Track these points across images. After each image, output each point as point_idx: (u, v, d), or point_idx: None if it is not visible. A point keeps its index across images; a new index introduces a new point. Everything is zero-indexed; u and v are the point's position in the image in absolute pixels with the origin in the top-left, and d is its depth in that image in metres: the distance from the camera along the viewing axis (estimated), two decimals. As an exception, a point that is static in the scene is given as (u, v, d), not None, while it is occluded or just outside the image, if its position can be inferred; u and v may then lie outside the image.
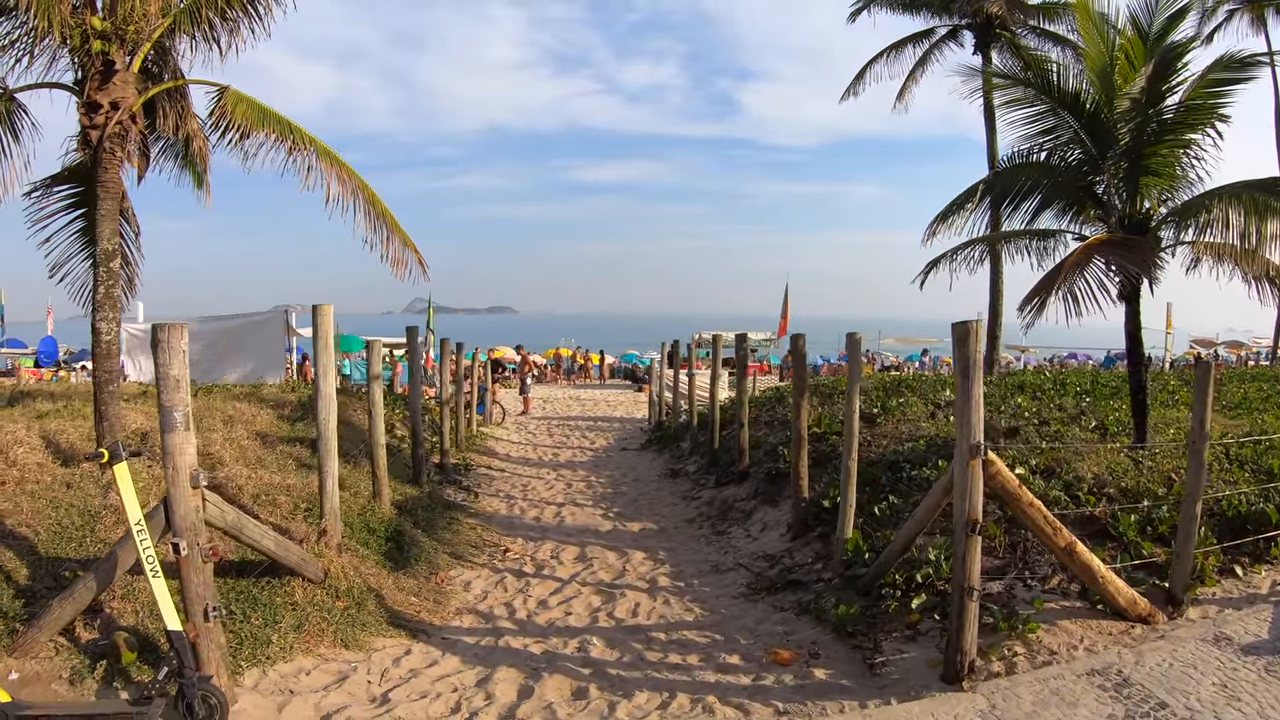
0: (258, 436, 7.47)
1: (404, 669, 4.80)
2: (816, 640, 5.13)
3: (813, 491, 7.48)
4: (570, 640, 5.42)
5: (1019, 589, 5.02)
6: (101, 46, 5.08)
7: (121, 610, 4.44)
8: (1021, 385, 10.26)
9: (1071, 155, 6.49)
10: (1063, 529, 4.43)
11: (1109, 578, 4.50)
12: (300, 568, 5.04)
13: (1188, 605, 4.69)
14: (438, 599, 6.14)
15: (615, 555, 7.65)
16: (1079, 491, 5.68)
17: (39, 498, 5.04)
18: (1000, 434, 7.18)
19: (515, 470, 12.40)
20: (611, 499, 10.41)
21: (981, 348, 4.20)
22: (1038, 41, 14.69)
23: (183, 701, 3.63)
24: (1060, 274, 5.46)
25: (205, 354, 12.87)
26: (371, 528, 6.77)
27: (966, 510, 4.16)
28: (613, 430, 17.77)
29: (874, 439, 8.39)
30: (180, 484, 3.90)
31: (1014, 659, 4.32)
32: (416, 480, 8.94)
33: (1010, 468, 6.23)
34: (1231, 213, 5.54)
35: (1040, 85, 6.51)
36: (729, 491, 9.52)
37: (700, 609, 6.06)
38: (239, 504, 6.03)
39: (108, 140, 5.21)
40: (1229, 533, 5.22)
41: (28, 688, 3.80)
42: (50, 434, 5.77)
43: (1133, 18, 5.93)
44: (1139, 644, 4.36)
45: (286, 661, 4.57)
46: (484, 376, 17.66)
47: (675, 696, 4.47)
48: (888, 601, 5.17)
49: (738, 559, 7.33)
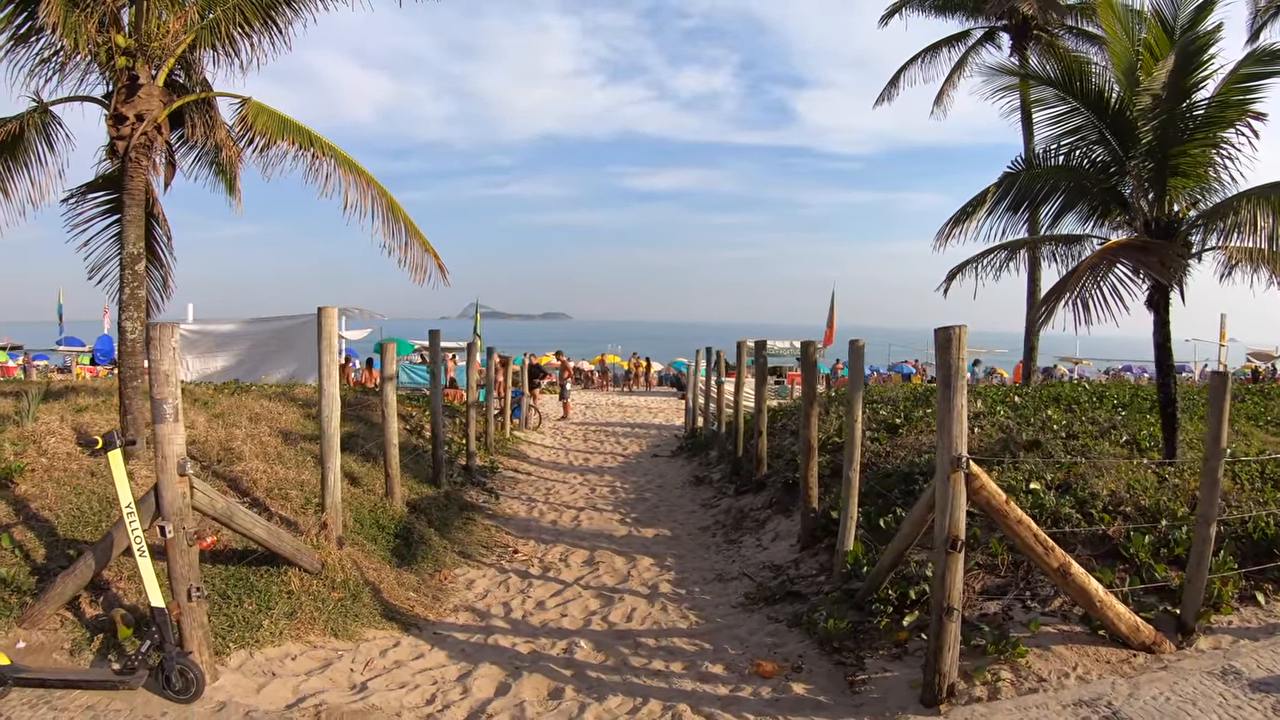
0: (280, 434, 7.76)
1: (389, 660, 4.91)
2: (803, 654, 5.01)
3: (824, 502, 7.33)
4: (559, 642, 5.44)
5: (1017, 610, 4.79)
6: (126, 62, 5.43)
7: (125, 590, 4.68)
8: (1056, 397, 9.81)
9: (1096, 156, 6.18)
10: (1055, 548, 4.21)
11: (1108, 602, 4.25)
12: (295, 557, 5.21)
13: (1199, 634, 4.39)
14: (437, 595, 6.25)
15: (623, 560, 7.64)
16: (1093, 509, 5.39)
17: (64, 484, 5.37)
18: (1020, 447, 6.89)
19: (542, 474, 12.51)
20: (632, 505, 10.39)
21: (964, 355, 4.04)
22: (1075, 42, 14.08)
23: (162, 673, 3.83)
24: (1073, 279, 5.21)
25: (250, 354, 13.49)
26: (381, 524, 6.95)
27: (948, 526, 4.00)
28: (648, 437, 17.74)
29: (894, 450, 8.17)
30: (169, 471, 4.09)
31: (998, 684, 4.11)
32: (435, 480, 9.12)
33: (1025, 482, 6.02)
34: (1260, 215, 5.18)
35: (1064, 84, 6.24)
36: (745, 500, 9.40)
37: (696, 617, 6.00)
38: (252, 497, 6.31)
39: (134, 150, 5.55)
40: (1254, 557, 4.86)
41: (31, 655, 4.06)
42: (83, 426, 6.15)
43: (1156, 10, 5.63)
44: (1137, 674, 4.09)
45: (275, 646, 4.73)
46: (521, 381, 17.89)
47: (648, 703, 4.44)
48: (878, 618, 5.01)
49: (743, 568, 7.22)
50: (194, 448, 6.65)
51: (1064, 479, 5.95)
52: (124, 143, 5.54)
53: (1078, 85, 6.10)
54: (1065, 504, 5.45)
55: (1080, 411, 8.60)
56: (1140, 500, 5.39)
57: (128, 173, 5.64)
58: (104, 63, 5.50)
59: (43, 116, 5.80)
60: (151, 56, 5.57)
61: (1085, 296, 5.17)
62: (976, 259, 7.07)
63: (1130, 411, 8.44)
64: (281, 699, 4.19)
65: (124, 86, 5.49)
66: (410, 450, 9.86)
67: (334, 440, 5.85)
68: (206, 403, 8.37)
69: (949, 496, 4.01)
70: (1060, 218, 6.34)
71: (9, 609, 4.25)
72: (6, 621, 4.18)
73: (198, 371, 13.29)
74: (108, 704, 3.72)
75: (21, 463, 5.36)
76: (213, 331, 13.97)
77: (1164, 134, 5.57)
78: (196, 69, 6.31)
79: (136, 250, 5.73)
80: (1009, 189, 6.23)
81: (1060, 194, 6.19)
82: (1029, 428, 7.66)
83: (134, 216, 5.69)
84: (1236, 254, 5.65)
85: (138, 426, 5.85)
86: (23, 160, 5.99)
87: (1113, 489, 5.57)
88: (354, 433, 9.12)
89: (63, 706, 3.65)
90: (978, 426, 8.24)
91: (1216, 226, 5.59)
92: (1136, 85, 5.76)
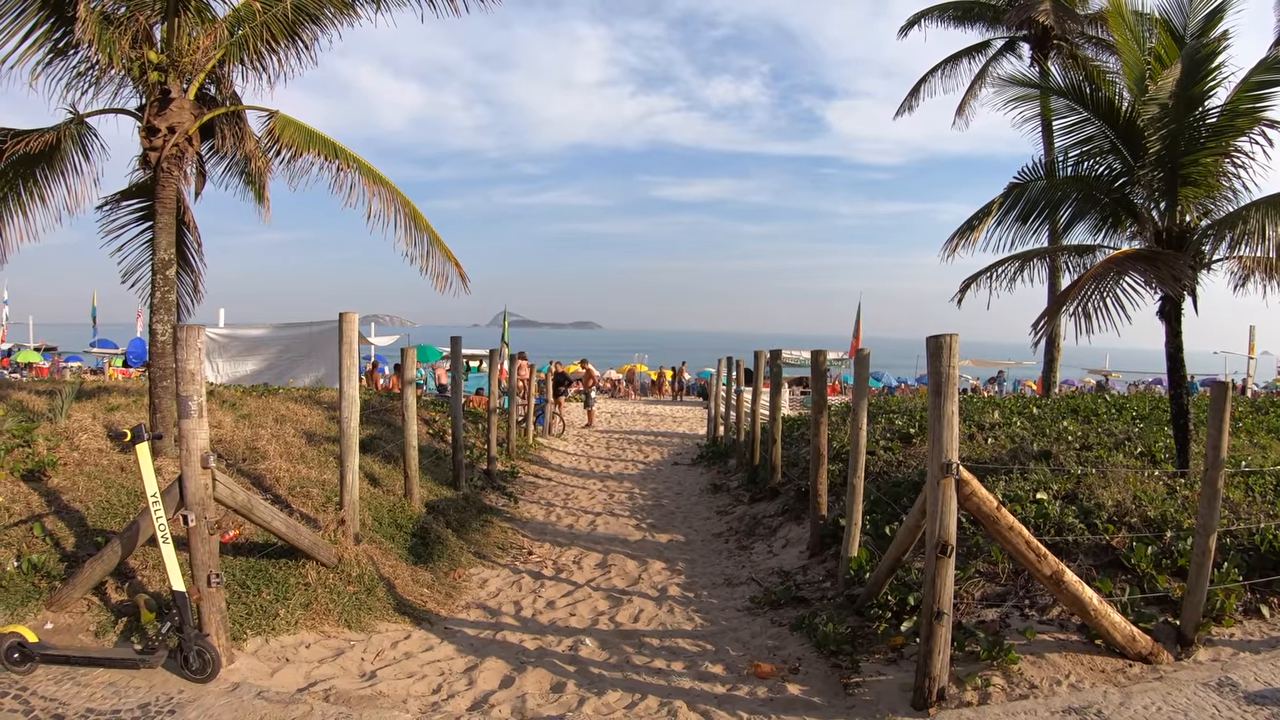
0: (304, 435, 8.04)
1: (399, 651, 5.09)
2: (801, 656, 5.07)
3: (833, 510, 7.36)
4: (566, 639, 5.56)
5: (1015, 618, 4.80)
6: (158, 77, 5.75)
7: (150, 578, 4.93)
8: (1075, 409, 9.69)
9: (1106, 165, 6.16)
10: (1049, 555, 4.22)
11: (1103, 610, 4.24)
12: (312, 551, 5.43)
13: (1198, 645, 4.35)
14: (450, 592, 6.42)
15: (635, 564, 7.74)
16: (1097, 519, 5.37)
17: (95, 478, 5.66)
18: (1031, 457, 6.85)
19: (562, 479, 12.67)
20: (648, 511, 10.50)
21: (956, 363, 4.09)
22: (1095, 51, 13.90)
23: (180, 654, 4.05)
24: (1076, 288, 5.20)
25: (279, 358, 13.90)
26: (399, 523, 7.16)
27: (938, 532, 4.05)
28: (671, 445, 17.82)
29: (906, 459, 8.18)
30: (193, 464, 4.32)
31: (989, 690, 4.13)
32: (455, 483, 9.33)
33: (1032, 492, 6.00)
34: (1269, 224, 5.12)
35: (1075, 94, 6.24)
36: (759, 508, 9.45)
37: (701, 619, 6.08)
38: (274, 494, 6.56)
39: (165, 161, 5.87)
40: (1260, 569, 4.80)
41: (57, 635, 4.32)
42: (114, 424, 6.47)
43: (1164, 19, 5.61)
44: (1131, 684, 4.08)
45: (290, 634, 4.94)
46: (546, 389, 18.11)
47: (646, 698, 4.54)
48: (876, 623, 5.05)
49: (752, 573, 7.28)
50: (220, 446, 6.93)
51: (1072, 489, 5.92)
52: (156, 153, 5.85)
53: (1088, 95, 6.10)
54: (1069, 514, 5.43)
55: (1098, 423, 8.51)
56: (1146, 511, 5.35)
57: (160, 182, 5.96)
58: (137, 77, 5.82)
59: (78, 127, 6.14)
60: (183, 71, 5.88)
61: (1087, 306, 5.16)
62: (989, 270, 7.06)
63: (1148, 424, 8.32)
64: (293, 683, 4.38)
65: (156, 100, 5.81)
66: (432, 454, 10.10)
67: (353, 440, 6.07)
68: (234, 404, 8.70)
69: (939, 503, 4.06)
70: (1070, 228, 6.32)
71: (38, 592, 4.51)
72: (36, 604, 4.44)
73: (227, 374, 13.71)
74: (129, 681, 3.94)
75: (54, 457, 5.65)
76: (243, 336, 14.41)
77: (1173, 143, 5.54)
78: (226, 83, 6.62)
79: (168, 256, 6.03)
80: (1017, 199, 6.24)
81: (1070, 204, 6.18)
82: (1043, 438, 7.61)
83: (165, 224, 6.00)
84: (1249, 264, 5.58)
85: (166, 424, 6.13)
86: (59, 169, 6.34)
87: (1119, 499, 5.53)
88: (377, 435, 9.39)
89: (86, 682, 3.87)
90: (991, 437, 8.20)
91: (1226, 236, 5.53)
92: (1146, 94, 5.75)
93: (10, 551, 4.72)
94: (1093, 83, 5.98)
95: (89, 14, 5.37)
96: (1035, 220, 6.30)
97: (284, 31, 6.25)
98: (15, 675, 3.85)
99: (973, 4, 15.81)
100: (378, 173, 7.24)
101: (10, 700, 3.66)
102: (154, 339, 6.08)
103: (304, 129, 6.64)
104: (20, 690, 3.75)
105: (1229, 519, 5.10)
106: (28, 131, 6.01)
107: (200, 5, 6.31)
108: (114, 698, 3.76)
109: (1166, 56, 5.64)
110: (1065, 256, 6.59)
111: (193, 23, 6.01)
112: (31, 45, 5.86)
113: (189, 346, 4.32)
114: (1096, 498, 5.59)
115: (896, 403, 13.08)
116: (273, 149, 6.58)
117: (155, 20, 6.03)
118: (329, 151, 6.81)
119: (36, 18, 5.79)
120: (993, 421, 8.82)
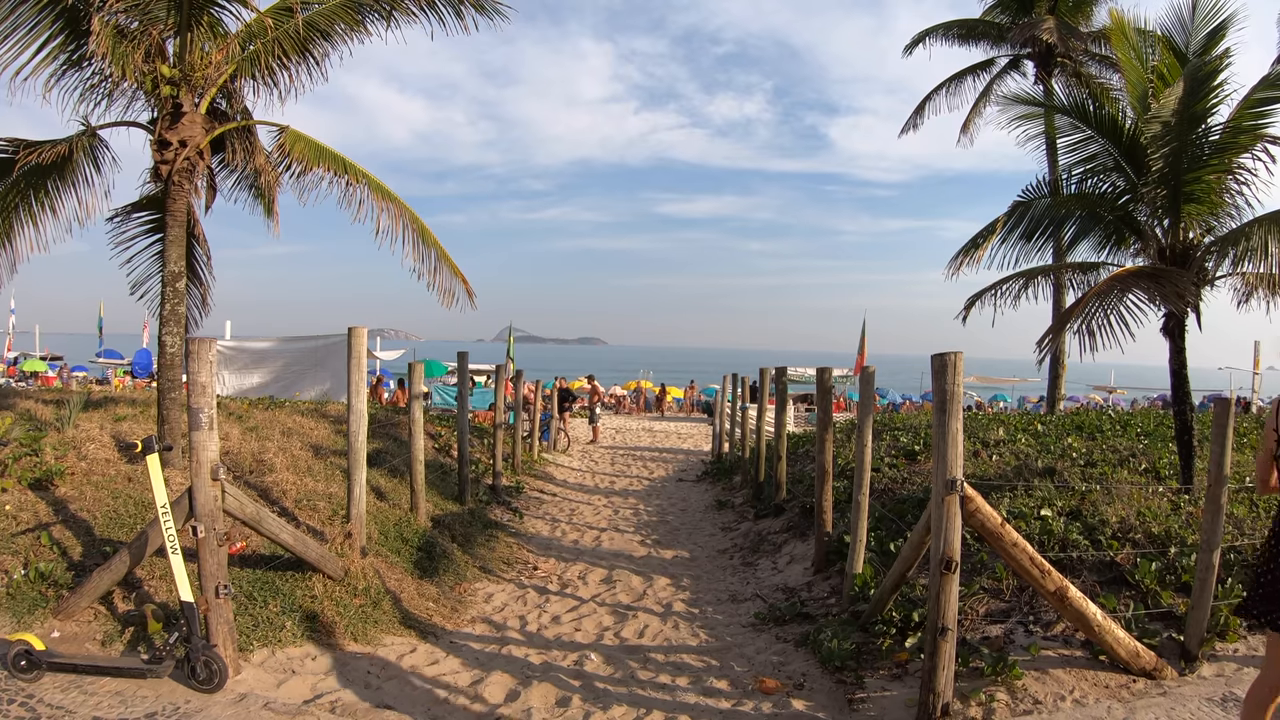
0: (311, 448, 8.07)
1: (405, 665, 5.08)
2: (806, 672, 5.05)
3: (838, 527, 7.36)
4: (571, 654, 5.56)
5: (1019, 634, 4.78)
6: (171, 91, 5.84)
7: (157, 588, 4.95)
8: (1080, 425, 9.68)
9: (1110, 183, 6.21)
10: (1052, 571, 4.22)
11: (1106, 626, 4.23)
12: (319, 563, 5.44)
13: (1202, 661, 4.34)
14: (455, 607, 6.42)
15: (640, 580, 7.73)
16: (1101, 535, 5.36)
17: (102, 488, 5.70)
18: (1035, 473, 6.85)
19: (567, 495, 12.67)
20: (653, 527, 10.48)
21: (960, 380, 4.11)
22: (1099, 68, 14.01)
23: (188, 664, 4.06)
24: (1079, 306, 5.23)
25: (285, 371, 13.96)
26: (405, 537, 7.17)
27: (943, 548, 4.05)
28: (676, 462, 17.82)
29: (911, 476, 8.18)
30: (202, 475, 4.36)
31: (993, 705, 4.12)
32: (461, 498, 9.34)
33: (1036, 509, 6.00)
34: (1271, 241, 5.15)
35: (1078, 112, 6.31)
36: (764, 524, 9.44)
37: (706, 635, 6.07)
38: (281, 506, 6.58)
39: (176, 174, 5.95)
40: (1267, 587, 4.78)
41: (64, 644, 4.33)
42: (121, 434, 6.51)
43: (1166, 37, 5.68)
44: (1135, 699, 4.07)
45: (297, 646, 4.93)
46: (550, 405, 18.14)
47: (650, 713, 4.53)
48: (881, 639, 5.04)
49: (757, 590, 7.27)
50: (228, 458, 6.97)
51: (1076, 505, 5.91)
52: (167, 166, 5.94)
53: (1091, 113, 6.16)
54: (1073, 530, 5.42)
55: (1102, 439, 8.50)
56: (1151, 527, 5.34)
57: (170, 195, 6.04)
58: (149, 90, 5.92)
59: (90, 139, 6.24)
60: (195, 86, 5.98)
61: (1091, 323, 5.19)
62: (994, 287, 7.10)
63: (1153, 440, 8.31)
64: (300, 694, 4.38)
65: (168, 113, 5.91)
66: (437, 468, 10.12)
67: (360, 454, 6.10)
68: (241, 416, 8.74)
69: (944, 519, 4.06)
70: (1074, 245, 6.36)
71: (45, 601, 4.54)
72: (43, 612, 4.46)
73: (234, 387, 13.76)
74: (135, 690, 3.96)
75: (62, 466, 5.69)
76: (249, 348, 14.48)
77: (1176, 160, 5.59)
78: (237, 97, 6.72)
79: (178, 268, 6.10)
80: (1021, 217, 6.29)
81: (1074, 221, 6.22)
82: (1048, 455, 7.61)
83: (175, 236, 6.08)
84: (1253, 280, 5.61)
85: (174, 436, 6.18)
86: (71, 180, 6.42)
87: (1123, 516, 5.53)
88: (383, 450, 9.42)
89: (92, 691, 3.89)
90: (996, 454, 8.19)
91: (1229, 253, 5.57)
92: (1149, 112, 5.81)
93: (18, 560, 4.75)
94: (1096, 100, 6.05)
95: (103, 28, 5.47)
96: (1039, 238, 6.34)
97: (295, 47, 6.35)
98: (22, 682, 3.87)
99: (977, 22, 16.00)
100: (386, 188, 7.32)
101: (17, 707, 3.68)
102: (163, 351, 6.14)
103: (314, 144, 6.73)
104: (27, 698, 3.77)
105: (1232, 535, 5.09)
106: (40, 143, 6.09)
107: (213, 20, 6.41)
108: (120, 706, 3.77)
109: (1169, 74, 5.71)
110: (1069, 274, 6.62)
111: (205, 38, 6.11)
112: (45, 58, 5.94)
113: (201, 359, 4.36)
114: (1101, 514, 5.58)
115: (901, 420, 13.08)
116: (283, 164, 6.67)
117: (168, 35, 6.12)
118: (338, 167, 6.89)
119: (50, 30, 5.86)
120: (998, 438, 8.82)
